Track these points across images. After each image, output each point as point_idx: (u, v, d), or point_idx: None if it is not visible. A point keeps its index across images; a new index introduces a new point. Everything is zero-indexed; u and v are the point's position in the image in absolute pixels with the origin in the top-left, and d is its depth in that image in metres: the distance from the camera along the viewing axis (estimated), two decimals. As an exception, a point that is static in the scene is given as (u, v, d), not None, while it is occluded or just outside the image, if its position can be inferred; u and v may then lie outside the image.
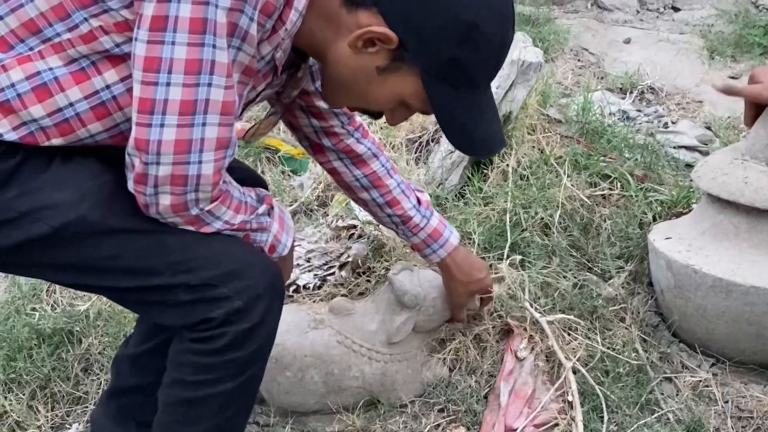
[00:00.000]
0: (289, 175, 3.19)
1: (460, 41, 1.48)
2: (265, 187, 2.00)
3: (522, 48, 2.84)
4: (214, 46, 1.39)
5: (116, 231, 1.52)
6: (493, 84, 2.77)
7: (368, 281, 2.45)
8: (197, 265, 1.55)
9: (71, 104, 1.49)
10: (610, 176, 2.90)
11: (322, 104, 1.92)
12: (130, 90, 1.47)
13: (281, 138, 3.35)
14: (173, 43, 1.38)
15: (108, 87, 1.49)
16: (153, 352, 1.89)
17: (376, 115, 1.71)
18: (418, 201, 2.15)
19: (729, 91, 2.24)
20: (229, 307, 1.55)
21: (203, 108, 1.43)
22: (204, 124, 1.44)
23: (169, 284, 1.55)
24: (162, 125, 1.42)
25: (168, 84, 1.40)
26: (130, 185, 1.50)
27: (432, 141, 3.05)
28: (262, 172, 3.16)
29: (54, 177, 1.51)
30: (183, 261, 1.55)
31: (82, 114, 1.50)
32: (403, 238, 2.19)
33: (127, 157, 1.49)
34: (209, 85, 1.42)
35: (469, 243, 2.56)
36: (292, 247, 1.82)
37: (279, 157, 3.25)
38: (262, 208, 1.66)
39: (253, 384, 1.72)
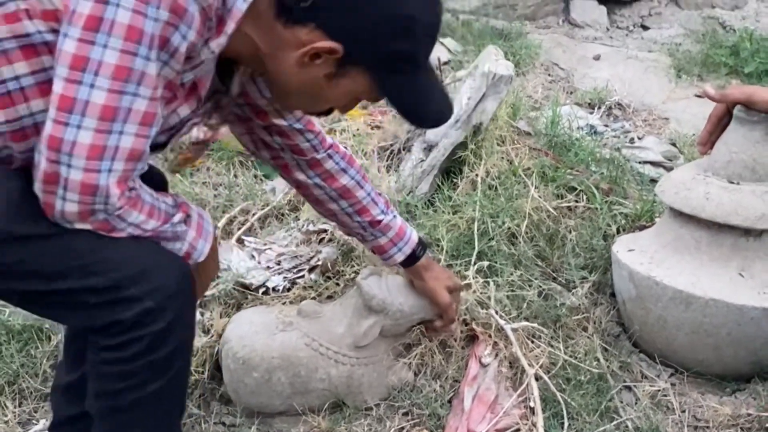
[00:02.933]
0: (261, 179, 3.19)
1: (401, 35, 1.53)
2: (166, 185, 1.98)
3: (494, 61, 2.86)
4: (147, 59, 1.39)
5: (20, 237, 1.47)
6: (465, 95, 2.83)
7: (337, 285, 2.46)
8: (105, 267, 1.50)
9: None
10: (576, 188, 2.93)
11: (280, 122, 1.92)
12: (39, 84, 1.45)
13: (255, 142, 3.35)
14: (105, 47, 1.36)
15: (17, 78, 1.45)
16: (83, 379, 1.79)
17: (326, 113, 1.74)
18: (386, 204, 2.17)
19: (722, 99, 2.26)
20: (139, 309, 1.51)
21: (124, 116, 1.41)
22: (121, 133, 1.41)
23: (75, 288, 1.50)
24: (79, 126, 1.38)
25: (92, 86, 1.38)
26: (38, 186, 1.44)
27: (403, 149, 3.07)
28: (235, 176, 3.17)
29: None
30: (90, 264, 1.50)
31: None
32: (370, 240, 2.19)
33: (36, 155, 1.44)
34: (134, 94, 1.40)
35: (438, 250, 2.58)
36: (214, 248, 1.76)
37: (252, 161, 3.26)
38: (178, 217, 1.60)
39: (181, 377, 1.70)
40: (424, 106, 1.65)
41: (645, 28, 5.07)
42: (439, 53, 4.23)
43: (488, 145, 2.89)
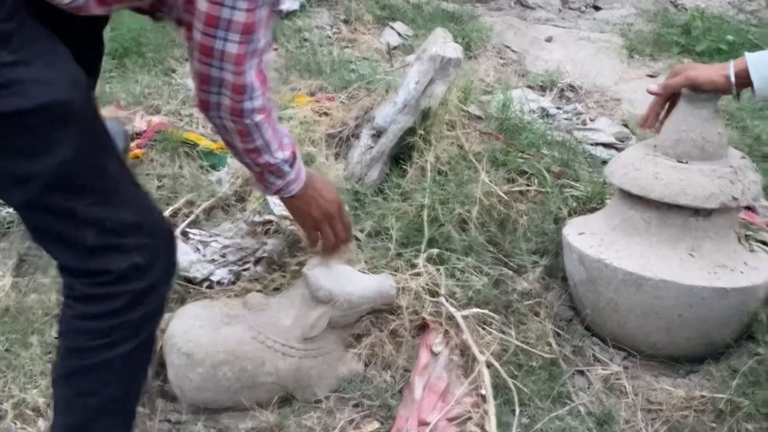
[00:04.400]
0: (207, 170, 3.14)
1: None
2: None
3: (441, 44, 2.83)
4: None
5: (84, 128, 1.56)
6: (413, 80, 2.80)
7: (283, 276, 2.42)
8: (118, 201, 1.62)
9: None
10: (527, 172, 2.92)
11: None
12: None
13: (200, 132, 3.30)
14: None
15: None
16: None
17: None
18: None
19: (666, 90, 2.27)
20: (129, 262, 1.61)
21: None
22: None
23: (84, 216, 1.57)
24: (234, 8, 1.62)
25: None
26: (196, 56, 1.68)
27: (352, 136, 3.04)
28: (180, 167, 3.11)
29: (43, 55, 1.52)
30: (110, 192, 1.61)
31: None
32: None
33: (197, 33, 1.65)
34: None
35: (387, 238, 2.56)
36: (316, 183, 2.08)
37: (197, 151, 3.20)
38: (287, 154, 1.91)
39: (148, 345, 1.77)
40: None
41: (597, 8, 5.07)
42: (388, 38, 4.20)
43: (438, 130, 2.86)
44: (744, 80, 2.12)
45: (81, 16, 1.66)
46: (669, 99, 2.29)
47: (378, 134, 2.88)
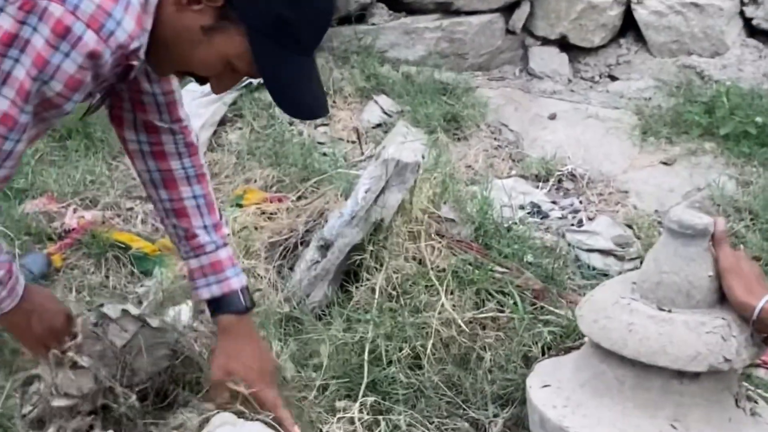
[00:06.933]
0: (139, 277, 2.88)
1: (288, 3, 1.56)
2: None
3: (399, 145, 2.56)
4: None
5: None
6: (362, 187, 2.52)
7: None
8: None
9: None
10: (501, 291, 2.61)
11: (155, 120, 1.96)
12: None
13: (136, 231, 3.04)
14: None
15: None
16: None
17: (202, 81, 1.74)
18: (216, 226, 2.05)
19: None
20: None
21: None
22: None
23: None
24: None
25: None
26: None
27: (301, 244, 2.76)
28: (106, 275, 2.85)
29: None
30: None
31: None
32: (183, 256, 2.08)
33: None
34: None
35: (316, 381, 2.26)
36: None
37: (129, 255, 2.93)
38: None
39: None
40: (298, 92, 1.67)
41: (613, 78, 4.76)
42: (369, 115, 3.93)
43: (393, 244, 2.57)
44: None
45: None
46: None
47: (326, 246, 2.60)
